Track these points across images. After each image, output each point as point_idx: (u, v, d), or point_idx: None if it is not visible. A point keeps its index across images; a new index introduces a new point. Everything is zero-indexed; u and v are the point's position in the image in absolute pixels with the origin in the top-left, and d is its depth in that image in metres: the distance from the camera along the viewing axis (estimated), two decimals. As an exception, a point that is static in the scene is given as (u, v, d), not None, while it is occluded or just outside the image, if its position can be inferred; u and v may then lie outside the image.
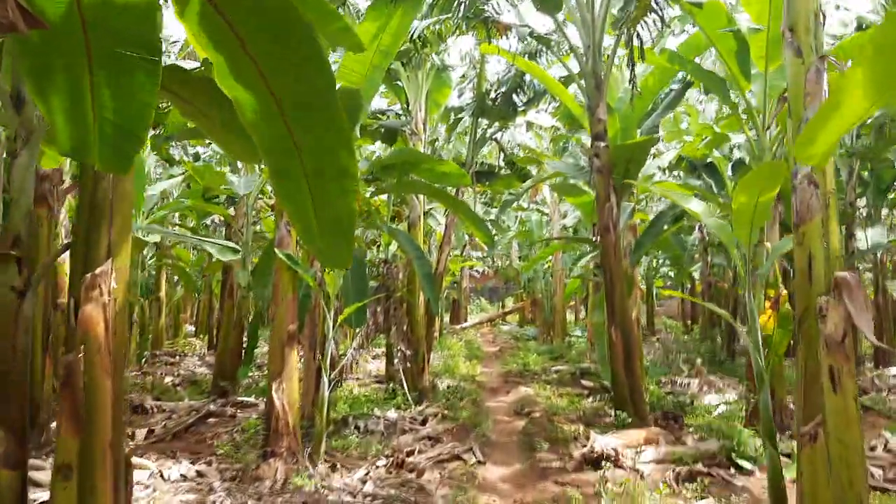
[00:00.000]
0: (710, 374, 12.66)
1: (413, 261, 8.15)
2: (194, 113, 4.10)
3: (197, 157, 16.68)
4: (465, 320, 32.72)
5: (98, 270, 3.46)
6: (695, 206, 5.02)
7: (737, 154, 15.93)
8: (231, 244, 6.53)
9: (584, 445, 7.11)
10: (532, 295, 23.24)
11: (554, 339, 19.68)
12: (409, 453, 7.27)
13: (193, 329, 23.02)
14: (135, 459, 6.44)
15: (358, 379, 12.36)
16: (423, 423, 8.90)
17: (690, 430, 8.52)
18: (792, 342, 5.72)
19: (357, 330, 11.34)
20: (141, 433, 8.48)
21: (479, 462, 7.23)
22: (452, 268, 22.31)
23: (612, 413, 9.78)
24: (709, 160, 13.56)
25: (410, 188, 8.74)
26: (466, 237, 20.30)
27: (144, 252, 16.51)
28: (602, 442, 6.72)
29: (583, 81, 8.73)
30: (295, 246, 7.18)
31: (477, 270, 37.03)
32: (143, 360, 14.64)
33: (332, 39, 4.73)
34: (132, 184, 3.68)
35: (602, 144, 8.32)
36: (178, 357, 15.75)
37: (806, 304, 4.43)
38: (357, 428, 8.51)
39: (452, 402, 10.28)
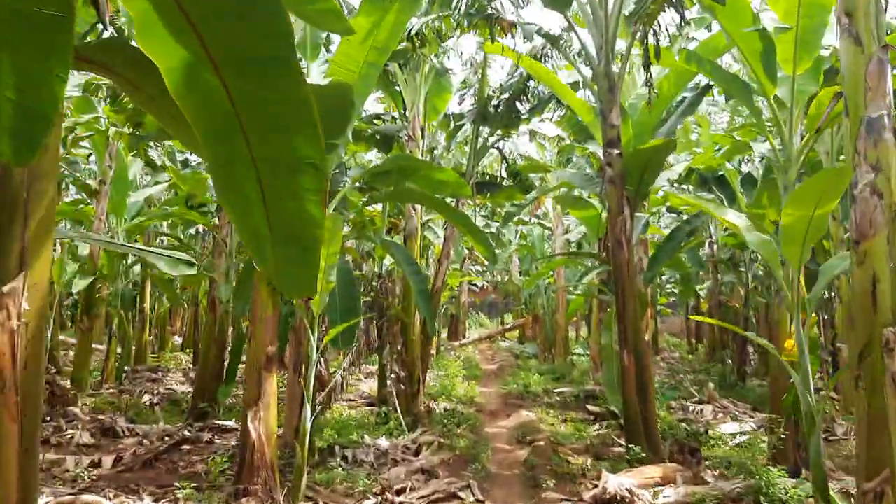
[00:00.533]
0: (720, 398, 11.95)
1: (408, 276, 7.47)
2: (144, 100, 3.42)
3: (186, 163, 16.01)
4: (464, 336, 31.96)
5: (6, 288, 2.76)
6: (733, 218, 4.33)
7: (745, 168, 15.31)
8: (185, 257, 5.82)
9: (595, 485, 6.39)
10: (533, 311, 22.51)
11: (556, 357, 18.93)
12: (400, 491, 6.54)
13: (182, 342, 22.28)
14: (86, 497, 5.72)
15: (349, 401, 11.63)
16: (417, 452, 8.16)
17: (707, 463, 7.80)
18: (829, 371, 5.06)
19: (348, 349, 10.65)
20: (108, 460, 7.74)
21: (477, 501, 6.50)
22: (451, 282, 21.61)
23: (622, 443, 9.06)
24: (720, 173, 12.92)
25: (406, 197, 8.07)
26: (466, 251, 19.62)
27: (128, 261, 15.85)
28: (615, 482, 5.99)
29: (595, 85, 8.08)
30: (276, 258, 6.50)
31: (476, 285, 36.34)
32: (122, 376, 13.89)
33: (317, 21, 4.04)
34: (54, 182, 2.99)
35: (615, 152, 7.64)
36: (160, 373, 14.98)
37: (869, 334, 3.73)
38: (344, 458, 7.78)
39: (449, 428, 9.54)
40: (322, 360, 10.79)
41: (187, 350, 19.66)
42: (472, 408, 12.16)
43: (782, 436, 7.52)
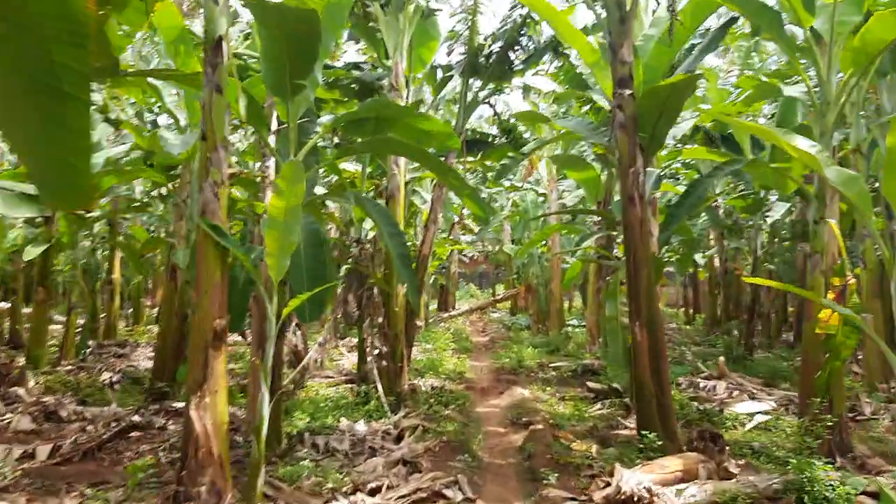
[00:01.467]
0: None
1: (386, 239, 6.42)
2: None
3: (156, 123, 14.79)
4: (454, 307, 31.03)
5: None
6: (806, 146, 3.31)
7: (762, 121, 14.29)
8: (30, 191, 4.76)
9: (606, 482, 5.44)
10: (525, 281, 21.55)
11: (550, 329, 18.01)
12: (376, 490, 5.56)
13: (157, 315, 21.21)
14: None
15: (328, 378, 10.64)
16: (399, 439, 7.19)
17: (727, 449, 6.88)
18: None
19: (326, 321, 9.63)
20: (44, 451, 6.71)
21: (466, 501, 5.53)
22: (440, 251, 20.58)
23: (627, 424, 8.14)
24: (728, 132, 11.89)
25: (385, 147, 6.99)
26: (455, 217, 18.57)
27: (95, 230, 14.72)
28: (630, 480, 5.03)
29: (599, 9, 6.96)
30: (226, 214, 5.41)
31: (466, 255, 35.34)
32: (87, 352, 12.86)
33: None
34: None
35: (626, 92, 6.56)
36: (128, 348, 13.94)
37: None
38: (315, 446, 6.80)
39: (436, 409, 8.58)
40: (299, 333, 9.83)
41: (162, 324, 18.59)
42: (462, 384, 11.22)
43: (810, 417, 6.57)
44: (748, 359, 13.00)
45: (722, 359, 10.61)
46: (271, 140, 7.07)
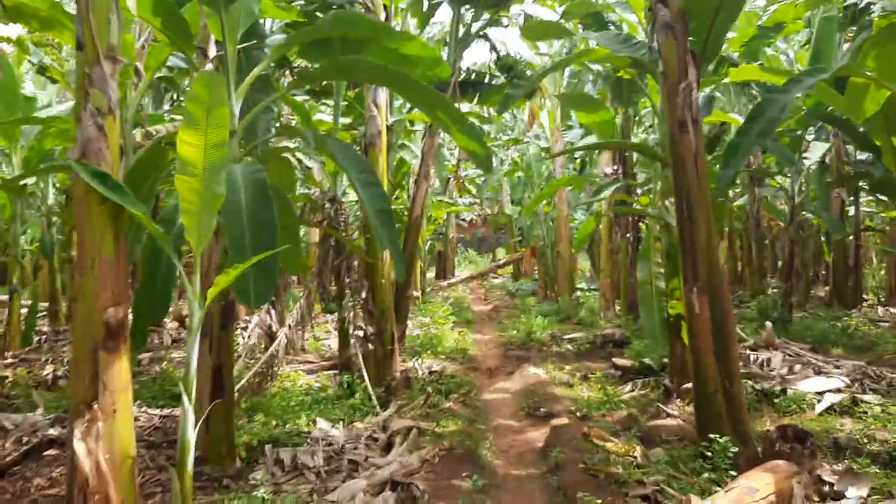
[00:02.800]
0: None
1: (358, 190, 4.81)
2: None
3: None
4: (453, 274, 29.49)
5: None
6: None
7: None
8: None
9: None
10: (529, 244, 19.95)
11: (558, 295, 16.46)
12: (351, 538, 4.03)
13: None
14: None
15: (307, 363, 9.10)
16: (389, 446, 5.65)
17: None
18: None
19: (299, 300, 8.08)
20: (-68, 478, 5.20)
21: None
22: (435, 214, 18.97)
23: (669, 411, 6.62)
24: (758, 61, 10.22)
25: (353, 72, 5.31)
26: (450, 176, 16.86)
27: (51, 202, 13.05)
28: (715, 516, 3.49)
29: None
30: (119, 159, 3.76)
31: (464, 218, 33.68)
32: (41, 340, 11.33)
33: None
34: None
35: (672, -18, 4.90)
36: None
37: None
38: (279, 463, 5.26)
39: (434, 400, 7.04)
40: (273, 314, 8.28)
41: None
42: (465, 365, 9.70)
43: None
44: (789, 322, 11.46)
45: (770, 325, 9.05)
46: (209, 70, 5.43)
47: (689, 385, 6.73)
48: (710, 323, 4.83)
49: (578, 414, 6.66)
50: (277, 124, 7.34)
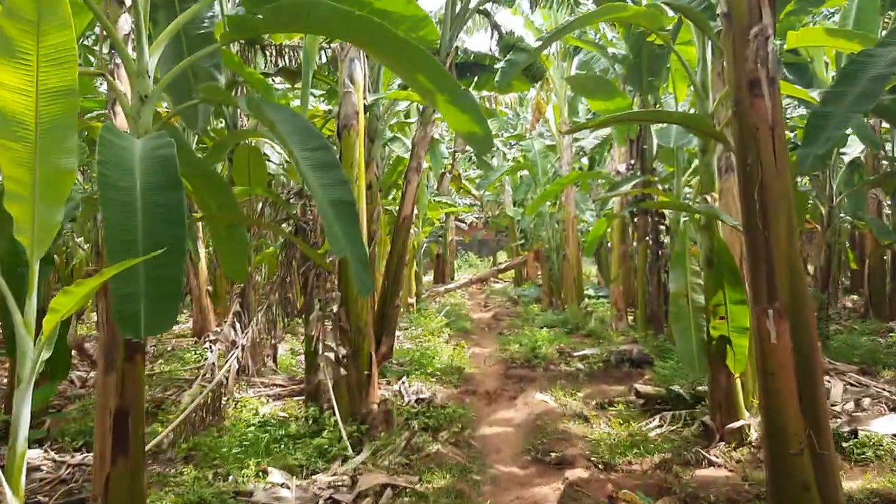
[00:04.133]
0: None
1: (305, 172, 3.48)
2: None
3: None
4: (452, 279, 28.17)
5: None
6: None
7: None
8: None
9: None
10: (532, 247, 18.61)
11: (565, 303, 15.12)
12: None
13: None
14: None
15: (275, 386, 7.77)
16: (354, 512, 4.33)
17: None
18: None
19: (258, 310, 6.77)
20: None
21: None
22: (431, 215, 17.64)
23: (713, 459, 5.29)
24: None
25: (306, 18, 3.99)
26: (447, 172, 15.48)
27: None
28: None
29: None
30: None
31: (463, 221, 32.37)
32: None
33: None
34: None
35: None
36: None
37: None
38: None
39: (419, 441, 5.70)
40: (237, 327, 6.97)
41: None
42: (460, 387, 8.38)
43: None
44: (828, 337, 10.12)
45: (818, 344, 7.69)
46: (123, 25, 4.15)
47: (737, 425, 5.44)
48: (792, 355, 3.49)
49: (599, 462, 5.33)
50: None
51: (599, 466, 5.24)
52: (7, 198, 2.37)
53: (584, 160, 17.19)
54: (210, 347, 7.42)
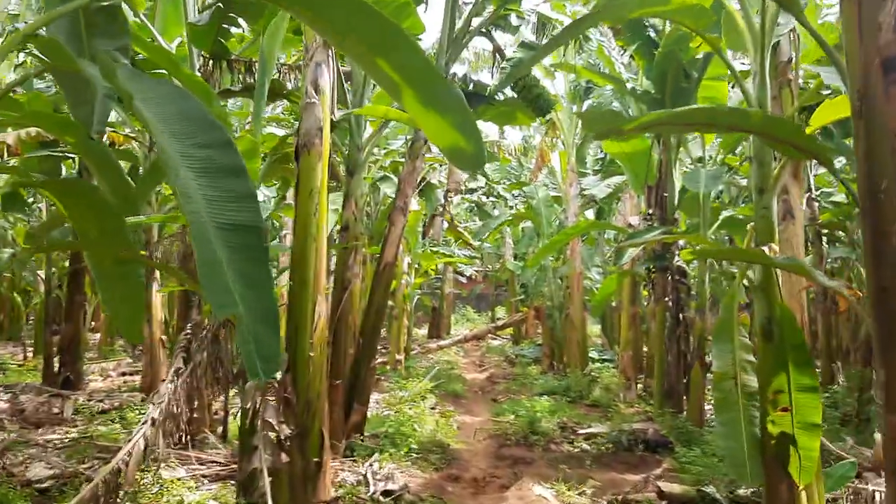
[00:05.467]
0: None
1: (177, 178, 2.24)
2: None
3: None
4: (448, 333, 26.71)
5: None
6: None
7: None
8: None
9: None
10: (533, 304, 17.24)
11: (567, 367, 13.70)
12: None
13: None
14: None
15: (211, 464, 6.34)
16: None
17: None
18: None
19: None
20: None
21: None
22: (426, 265, 16.37)
23: None
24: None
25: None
26: (439, 217, 14.07)
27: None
28: None
29: None
30: None
31: (462, 274, 31.07)
32: None
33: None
34: None
35: None
36: None
37: None
38: None
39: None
40: (179, 390, 5.63)
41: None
42: (442, 470, 6.95)
43: None
44: (864, 418, 8.71)
45: (879, 437, 6.31)
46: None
47: (805, 558, 4.02)
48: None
49: None
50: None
51: None
52: None
53: (589, 213, 16.02)
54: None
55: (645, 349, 13.41)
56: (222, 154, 2.47)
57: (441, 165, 13.94)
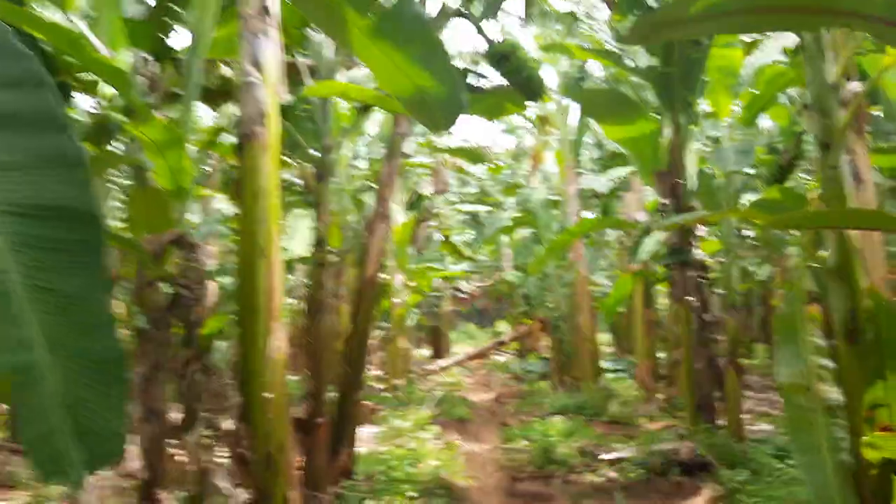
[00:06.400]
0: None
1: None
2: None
3: None
4: (448, 352, 25.63)
5: None
6: None
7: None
8: None
9: None
10: (535, 314, 16.22)
11: (578, 381, 12.68)
12: None
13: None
14: None
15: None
16: None
17: None
18: None
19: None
20: None
21: None
22: (420, 283, 15.36)
23: None
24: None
25: None
26: (426, 224, 12.87)
27: None
28: None
29: None
30: None
31: (461, 290, 30.01)
32: None
33: None
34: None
35: None
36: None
37: None
38: None
39: None
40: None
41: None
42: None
43: None
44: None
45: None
46: None
47: None
48: None
49: None
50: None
51: None
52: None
53: (586, 214, 15.04)
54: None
55: (662, 355, 12.41)
56: (28, 97, 1.49)
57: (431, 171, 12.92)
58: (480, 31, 7.58)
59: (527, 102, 7.64)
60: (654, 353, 11.05)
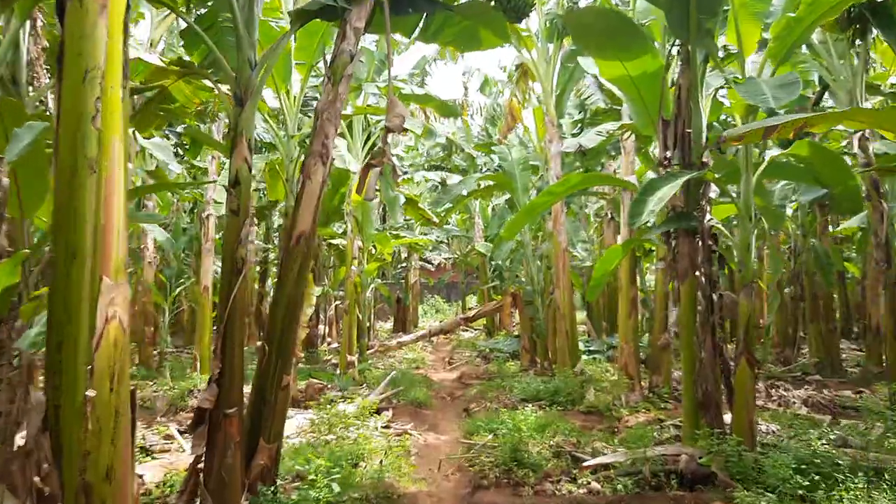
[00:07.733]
0: None
1: None
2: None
3: None
4: (415, 326, 24.35)
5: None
6: None
7: None
8: None
9: None
10: (508, 289, 14.90)
11: (553, 363, 11.42)
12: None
13: None
14: None
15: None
16: None
17: None
18: None
19: None
20: None
21: None
22: (382, 249, 13.93)
23: None
24: None
25: None
26: (375, 167, 11.40)
27: None
28: None
29: None
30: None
31: (429, 261, 28.66)
32: None
33: None
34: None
35: None
36: None
37: None
38: None
39: None
40: None
41: None
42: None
43: None
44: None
45: None
46: None
47: None
48: None
49: None
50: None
51: None
52: None
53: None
54: None
55: (647, 336, 11.23)
56: None
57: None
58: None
59: (509, 34, 6.22)
60: (637, 335, 9.82)
